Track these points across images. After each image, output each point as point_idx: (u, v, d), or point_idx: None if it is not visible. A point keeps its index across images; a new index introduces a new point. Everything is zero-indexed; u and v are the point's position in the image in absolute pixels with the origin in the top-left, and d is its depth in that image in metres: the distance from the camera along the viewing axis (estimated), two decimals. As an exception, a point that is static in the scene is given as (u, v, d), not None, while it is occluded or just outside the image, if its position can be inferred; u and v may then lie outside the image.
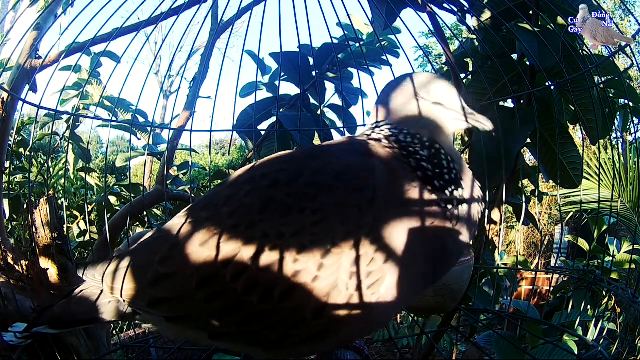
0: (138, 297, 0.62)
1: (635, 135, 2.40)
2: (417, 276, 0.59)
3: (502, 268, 1.68)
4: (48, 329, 0.69)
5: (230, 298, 0.55)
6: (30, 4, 1.62)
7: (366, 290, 0.54)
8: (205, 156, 5.33)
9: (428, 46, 7.66)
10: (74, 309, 0.69)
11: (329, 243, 0.53)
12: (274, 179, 0.59)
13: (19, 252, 1.19)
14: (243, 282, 0.54)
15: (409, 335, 2.67)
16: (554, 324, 1.38)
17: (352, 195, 0.56)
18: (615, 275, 1.83)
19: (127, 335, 2.44)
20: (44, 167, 2.59)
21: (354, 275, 0.53)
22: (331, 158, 0.61)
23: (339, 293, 0.53)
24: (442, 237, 0.60)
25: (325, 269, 0.53)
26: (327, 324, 0.54)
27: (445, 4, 1.40)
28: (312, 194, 0.56)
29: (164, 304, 0.60)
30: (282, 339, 0.57)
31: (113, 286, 0.64)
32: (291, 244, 0.53)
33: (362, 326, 0.59)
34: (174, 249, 0.60)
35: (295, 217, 0.55)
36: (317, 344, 0.59)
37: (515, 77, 1.36)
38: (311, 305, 0.53)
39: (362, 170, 0.58)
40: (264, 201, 0.57)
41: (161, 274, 0.59)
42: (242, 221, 0.56)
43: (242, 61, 1.21)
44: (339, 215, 0.54)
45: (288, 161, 0.63)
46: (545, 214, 5.55)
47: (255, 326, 0.56)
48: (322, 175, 0.58)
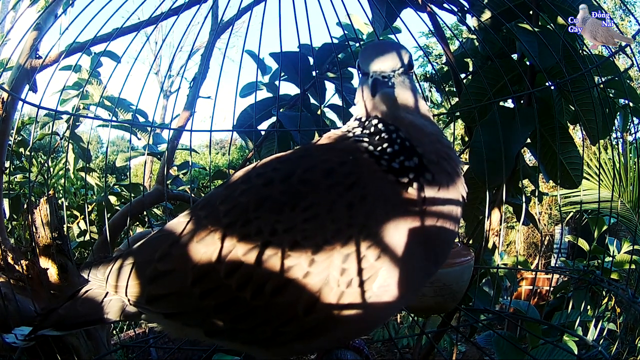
0: (139, 295, 0.63)
1: (635, 135, 2.40)
2: (414, 272, 0.59)
3: (502, 268, 1.67)
4: (53, 331, 0.70)
5: (224, 294, 0.56)
6: (30, 4, 1.62)
7: (358, 288, 0.54)
8: (205, 156, 5.33)
9: (428, 46, 7.64)
10: (80, 310, 0.70)
11: (320, 239, 0.54)
12: (268, 178, 0.60)
13: (19, 252, 1.19)
14: (237, 278, 0.55)
15: (409, 335, 2.67)
16: (554, 324, 1.38)
17: (342, 193, 0.56)
18: (615, 276, 1.83)
19: (127, 335, 2.45)
20: (44, 167, 2.59)
21: (345, 272, 0.53)
22: (323, 156, 0.62)
23: (331, 289, 0.54)
24: (431, 230, 0.58)
25: (317, 264, 0.53)
26: (319, 321, 0.55)
27: (445, 4, 1.40)
28: (304, 192, 0.57)
29: (161, 300, 0.61)
30: (275, 336, 0.57)
31: (117, 284, 0.65)
32: (283, 241, 0.54)
33: (357, 324, 0.59)
34: (173, 247, 0.61)
35: (288, 215, 0.55)
36: (312, 341, 0.59)
37: (515, 77, 1.36)
38: (303, 300, 0.54)
39: (351, 168, 0.58)
40: (258, 199, 0.58)
41: (160, 271, 0.60)
42: (238, 219, 0.57)
43: (242, 61, 1.21)
44: (330, 212, 0.55)
45: (283, 161, 0.64)
46: (545, 214, 5.55)
47: (249, 323, 0.57)
48: (313, 174, 0.58)
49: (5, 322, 0.96)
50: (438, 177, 0.59)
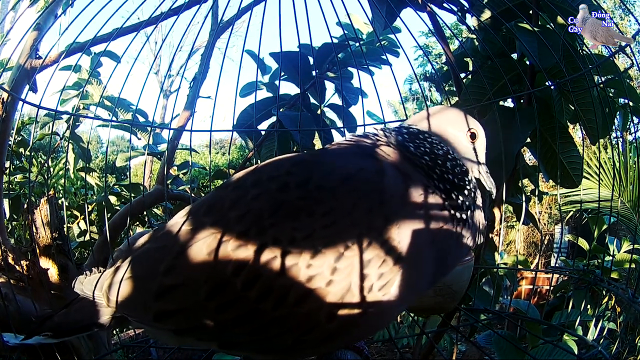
0: (142, 311, 0.59)
1: (635, 135, 2.39)
2: (424, 276, 0.59)
3: (502, 268, 1.68)
4: (50, 338, 0.67)
5: (243, 307, 0.53)
6: (30, 4, 1.62)
7: (377, 292, 0.53)
8: (205, 156, 5.34)
9: (428, 46, 7.66)
10: (76, 317, 0.67)
11: (342, 246, 0.52)
12: (283, 183, 0.57)
13: (19, 252, 1.19)
14: (256, 290, 0.53)
15: (409, 335, 2.68)
16: (554, 324, 1.38)
17: (361, 198, 0.55)
18: (615, 275, 1.83)
19: (127, 335, 2.44)
20: (44, 167, 2.59)
21: (367, 278, 0.52)
22: (340, 161, 0.61)
23: (353, 296, 0.52)
24: (448, 239, 0.60)
25: (339, 272, 0.52)
26: (338, 327, 0.54)
27: (445, 4, 1.40)
28: (322, 198, 0.55)
29: (171, 317, 0.57)
30: (296, 344, 0.55)
31: (115, 300, 0.61)
32: (304, 249, 0.52)
33: (371, 327, 0.59)
34: (179, 259, 0.57)
35: (305, 221, 0.53)
36: (326, 346, 0.58)
37: (515, 77, 1.36)
38: (325, 309, 0.52)
39: (371, 173, 0.58)
40: (273, 205, 0.55)
41: (167, 286, 0.57)
42: (252, 226, 0.54)
43: (242, 61, 1.21)
44: (350, 217, 0.54)
45: (296, 164, 0.62)
46: (545, 214, 5.56)
47: (269, 333, 0.55)
48: (331, 179, 0.57)
49: (6, 322, 0.96)
50: (474, 203, 0.65)
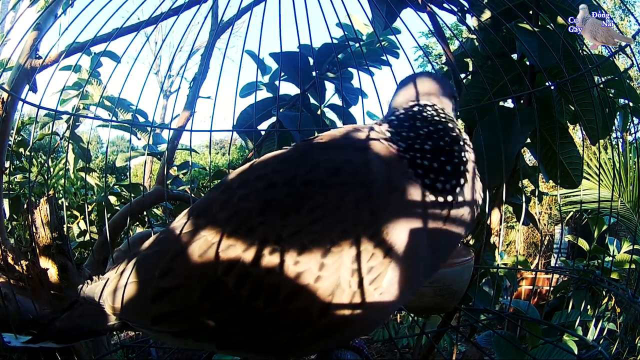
0: (142, 316, 0.60)
1: (635, 135, 2.40)
2: (417, 268, 0.58)
3: (502, 268, 1.67)
4: (52, 343, 0.67)
5: (236, 306, 0.54)
6: (30, 4, 1.62)
7: (368, 286, 0.53)
8: (205, 156, 5.33)
9: (428, 46, 7.66)
10: (79, 322, 0.68)
11: (328, 242, 0.52)
12: (269, 181, 0.58)
13: (19, 252, 1.19)
14: (247, 289, 0.53)
15: (409, 335, 2.67)
16: (554, 324, 1.38)
17: (348, 192, 0.55)
18: (615, 275, 1.83)
19: (127, 335, 2.45)
20: (44, 167, 2.59)
21: (356, 272, 0.53)
22: (326, 155, 0.60)
23: (343, 291, 0.53)
24: (438, 229, 0.59)
25: (327, 268, 0.52)
26: (331, 323, 0.54)
27: (445, 4, 1.40)
28: (308, 193, 0.55)
29: (168, 319, 0.58)
30: (291, 342, 0.56)
31: (114, 306, 0.62)
32: (291, 246, 0.53)
33: (365, 323, 0.59)
34: (174, 262, 0.58)
35: (293, 218, 0.54)
36: (322, 343, 0.58)
37: (515, 77, 1.36)
38: (316, 305, 0.53)
39: (358, 165, 0.57)
40: (261, 204, 0.56)
41: (162, 289, 0.58)
42: (241, 226, 0.55)
43: (242, 61, 1.21)
44: (336, 212, 0.54)
45: (282, 161, 0.62)
46: (545, 214, 5.55)
47: (264, 331, 0.55)
48: (316, 174, 0.57)
49: (6, 322, 0.96)
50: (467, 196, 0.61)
